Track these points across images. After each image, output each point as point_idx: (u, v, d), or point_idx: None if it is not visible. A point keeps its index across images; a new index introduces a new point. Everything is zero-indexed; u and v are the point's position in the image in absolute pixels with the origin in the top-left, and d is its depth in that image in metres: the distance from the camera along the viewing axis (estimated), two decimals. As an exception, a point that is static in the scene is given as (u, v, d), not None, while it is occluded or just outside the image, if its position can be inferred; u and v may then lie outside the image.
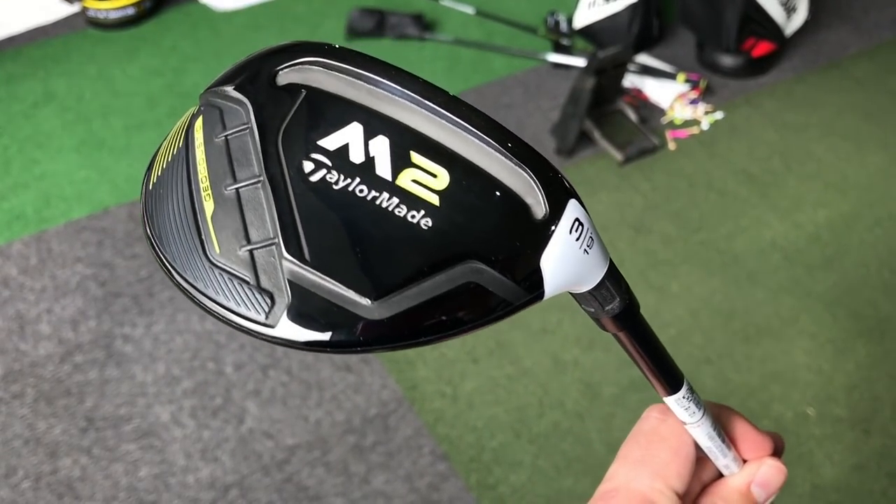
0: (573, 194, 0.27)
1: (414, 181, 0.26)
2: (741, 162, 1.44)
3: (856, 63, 1.66)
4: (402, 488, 1.00)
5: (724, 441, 0.36)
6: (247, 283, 0.25)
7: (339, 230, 0.25)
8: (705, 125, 1.50)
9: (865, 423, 1.06)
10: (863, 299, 1.20)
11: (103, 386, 1.10)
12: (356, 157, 0.26)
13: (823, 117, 1.53)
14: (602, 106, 1.46)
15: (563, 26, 1.66)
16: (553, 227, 0.26)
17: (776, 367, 1.12)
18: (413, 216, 0.25)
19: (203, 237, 0.25)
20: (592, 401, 1.08)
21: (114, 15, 1.71)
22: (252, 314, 0.25)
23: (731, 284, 1.22)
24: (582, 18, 1.65)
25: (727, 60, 1.60)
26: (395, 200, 0.25)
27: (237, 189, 0.25)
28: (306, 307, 0.25)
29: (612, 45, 1.50)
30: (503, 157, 0.27)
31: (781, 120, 1.53)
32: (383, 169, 0.26)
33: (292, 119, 0.26)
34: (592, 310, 0.30)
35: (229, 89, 0.27)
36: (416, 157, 0.26)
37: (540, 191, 0.27)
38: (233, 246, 0.25)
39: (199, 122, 0.27)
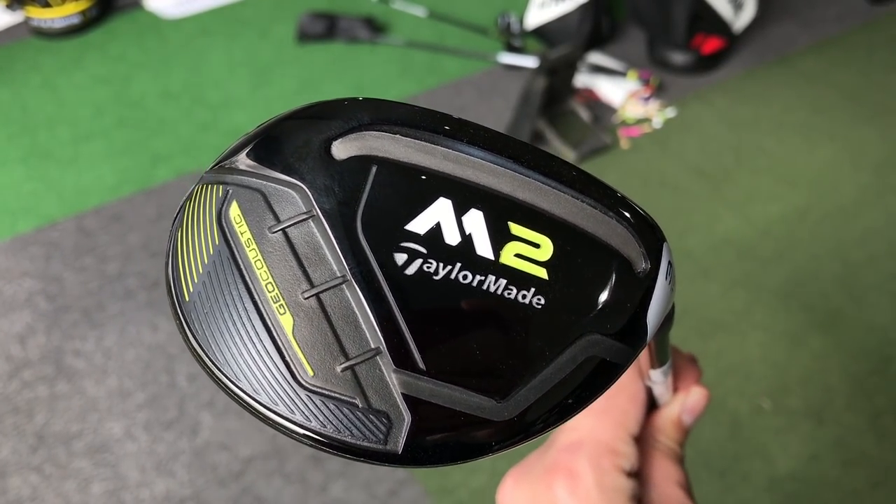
0: (663, 238, 0.25)
1: (518, 255, 0.22)
2: (693, 158, 1.45)
3: (803, 58, 1.68)
4: (360, 495, 0.99)
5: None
6: (355, 405, 0.21)
7: (449, 327, 0.22)
8: (657, 122, 1.51)
9: (819, 413, 1.07)
10: (815, 291, 1.22)
11: (53, 402, 1.08)
12: (451, 238, 0.22)
13: (773, 112, 1.55)
14: (554, 106, 1.46)
15: (515, 27, 1.66)
16: (654, 278, 0.24)
17: (731, 361, 1.12)
18: (524, 296, 0.22)
19: (288, 360, 0.21)
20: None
21: (59, 24, 1.68)
22: (369, 443, 0.21)
23: (685, 280, 1.22)
24: (533, 19, 1.65)
25: (678, 57, 1.61)
26: (503, 282, 0.22)
27: (317, 295, 0.21)
28: (429, 421, 0.22)
29: (563, 45, 1.50)
30: (598, 212, 0.24)
31: (732, 115, 1.54)
32: (483, 248, 0.22)
33: (368, 201, 0.22)
34: None
35: (267, 167, 0.22)
36: (515, 227, 0.23)
37: (638, 242, 0.24)
38: (329, 365, 0.21)
39: (234, 211, 0.22)
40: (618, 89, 1.55)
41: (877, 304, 1.20)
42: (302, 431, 0.22)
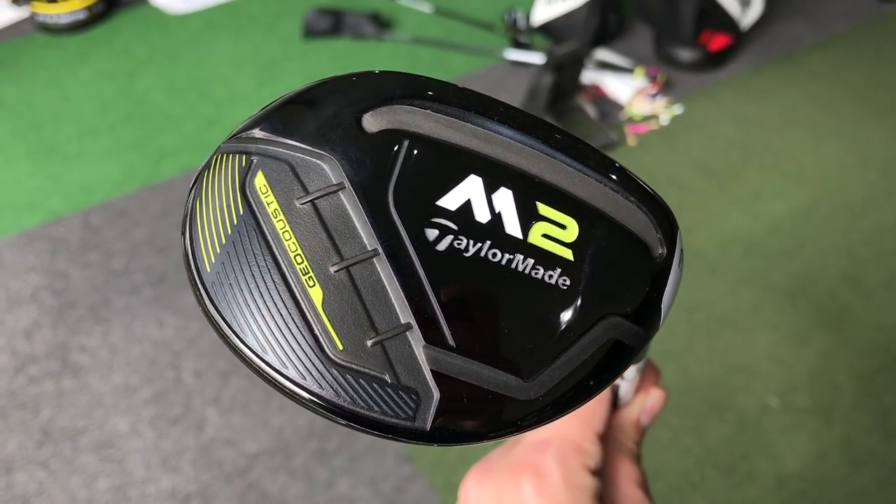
0: (677, 225, 0.25)
1: (545, 236, 0.22)
2: (700, 155, 1.44)
3: (811, 55, 1.67)
4: (366, 492, 0.99)
5: None
6: (384, 381, 0.21)
7: (478, 305, 0.22)
8: (664, 119, 1.51)
9: (827, 411, 1.06)
10: (822, 289, 1.21)
11: (59, 398, 1.07)
12: (482, 216, 0.22)
13: (780, 109, 1.54)
14: (561, 102, 1.46)
15: (521, 23, 1.66)
16: (669, 264, 0.24)
17: (738, 359, 1.12)
18: (550, 276, 0.22)
19: (317, 333, 0.21)
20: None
21: (64, 19, 1.68)
22: (398, 420, 0.21)
23: (693, 277, 1.22)
24: (540, 15, 1.65)
25: (685, 54, 1.61)
26: (531, 261, 0.22)
27: (347, 268, 0.21)
28: (457, 399, 0.21)
29: (570, 41, 1.50)
30: (620, 196, 0.24)
31: (739, 112, 1.54)
32: (512, 227, 0.22)
33: (399, 175, 0.22)
34: None
35: (294, 139, 0.22)
36: (542, 208, 0.23)
37: (656, 228, 0.24)
38: (359, 339, 0.21)
39: (259, 181, 0.22)
40: (625, 86, 1.54)
41: (885, 302, 1.19)
42: (330, 407, 0.21)
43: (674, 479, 1.00)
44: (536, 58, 1.58)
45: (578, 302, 0.23)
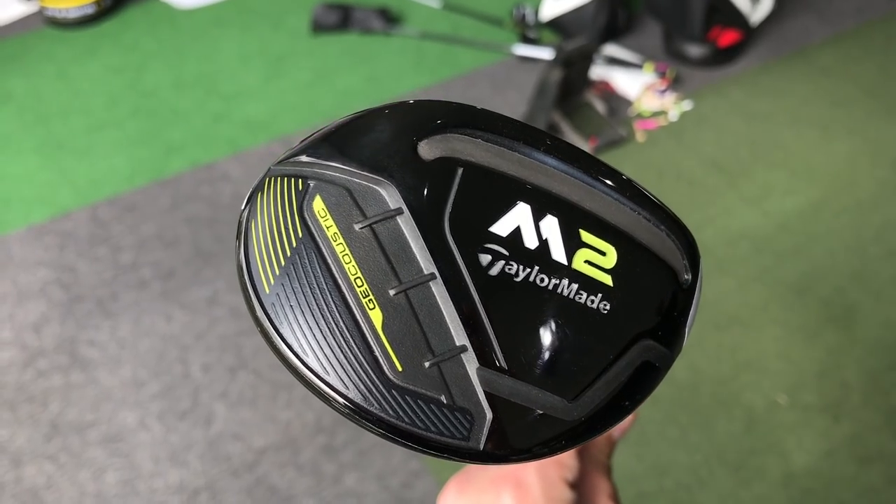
0: (699, 254, 0.27)
1: (587, 262, 0.23)
2: (709, 151, 1.44)
3: (820, 51, 1.66)
4: (374, 487, 0.99)
5: None
6: (441, 402, 0.21)
7: (528, 328, 0.22)
8: (673, 115, 1.50)
9: (835, 409, 1.06)
10: (831, 286, 1.21)
11: (68, 391, 1.08)
12: (530, 242, 0.23)
13: (790, 106, 1.54)
14: (570, 98, 1.46)
15: (530, 18, 1.65)
16: (693, 290, 0.26)
17: (747, 356, 1.12)
18: (592, 301, 0.23)
19: (377, 355, 0.21)
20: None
21: (73, 14, 1.68)
22: (453, 440, 0.22)
23: (701, 274, 1.22)
24: (549, 10, 1.64)
25: (694, 50, 1.60)
26: (575, 287, 0.23)
27: (405, 291, 0.22)
28: (507, 419, 0.22)
29: (579, 37, 1.49)
30: (651, 225, 0.25)
31: (748, 109, 1.53)
32: (558, 253, 0.23)
33: (454, 202, 0.22)
34: None
35: (352, 164, 0.22)
36: (585, 235, 0.24)
37: (683, 255, 0.26)
38: (417, 361, 0.21)
39: (318, 205, 0.22)
40: (634, 82, 1.54)
41: (894, 300, 1.19)
42: (389, 428, 0.22)
43: (682, 476, 1.00)
44: (545, 53, 1.58)
45: (617, 326, 0.24)
